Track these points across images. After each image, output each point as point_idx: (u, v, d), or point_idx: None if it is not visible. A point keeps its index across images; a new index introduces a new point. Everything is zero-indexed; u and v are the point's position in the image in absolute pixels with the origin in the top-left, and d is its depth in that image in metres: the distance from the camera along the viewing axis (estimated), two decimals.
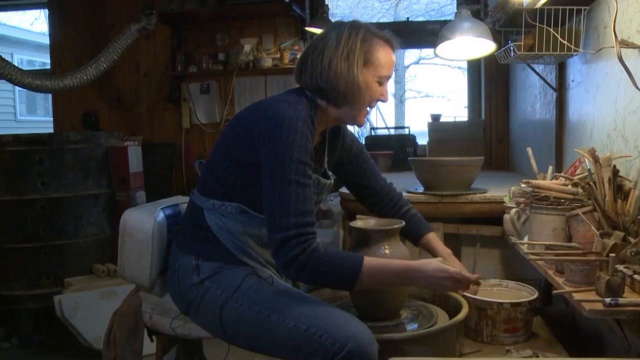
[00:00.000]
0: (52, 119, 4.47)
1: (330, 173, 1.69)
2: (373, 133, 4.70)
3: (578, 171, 1.86)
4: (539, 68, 2.74)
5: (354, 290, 1.55)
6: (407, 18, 4.53)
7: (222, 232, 1.52)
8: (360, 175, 1.81)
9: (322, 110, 1.56)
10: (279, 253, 1.36)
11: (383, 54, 1.55)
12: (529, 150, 2.02)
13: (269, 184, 1.39)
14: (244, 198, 1.50)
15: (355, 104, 1.55)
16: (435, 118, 4.05)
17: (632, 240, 1.35)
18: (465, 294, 1.68)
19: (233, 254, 1.51)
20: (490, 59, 2.86)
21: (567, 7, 2.04)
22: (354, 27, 1.55)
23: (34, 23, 10.90)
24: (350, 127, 1.85)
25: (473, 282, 1.45)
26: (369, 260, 1.38)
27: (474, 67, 4.21)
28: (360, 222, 1.66)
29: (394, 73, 1.64)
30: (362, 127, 1.70)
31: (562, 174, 1.89)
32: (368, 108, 1.59)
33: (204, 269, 1.52)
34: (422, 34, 3.98)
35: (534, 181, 1.77)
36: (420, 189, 2.40)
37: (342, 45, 1.52)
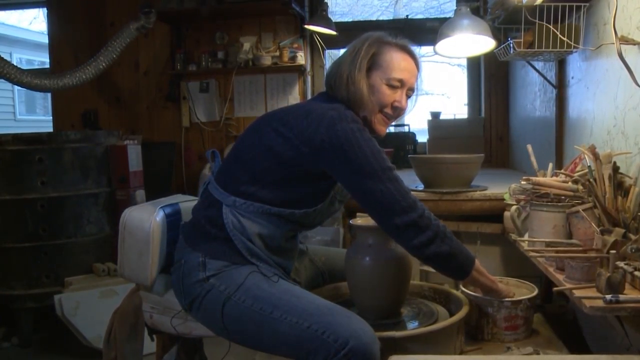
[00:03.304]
0: (51, 118, 4.46)
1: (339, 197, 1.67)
2: None
3: (578, 168, 1.85)
4: (539, 65, 2.73)
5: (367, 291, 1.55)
6: (407, 16, 4.51)
7: (236, 231, 1.51)
8: None
9: None
10: (421, 227, 1.43)
11: (392, 57, 1.57)
12: (529, 148, 2.01)
13: (376, 186, 1.43)
14: (276, 197, 1.50)
15: (364, 106, 1.56)
16: (435, 115, 4.05)
17: (633, 237, 1.35)
18: (465, 290, 1.69)
19: (242, 254, 1.51)
20: (489, 56, 2.86)
21: (567, 4, 2.04)
22: (368, 35, 1.61)
23: (33, 22, 10.87)
24: None
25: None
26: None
27: (474, 65, 4.21)
28: (361, 220, 1.66)
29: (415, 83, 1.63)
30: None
31: (562, 171, 1.88)
32: (385, 116, 1.59)
33: (210, 266, 1.51)
34: (421, 31, 3.97)
35: (534, 178, 1.77)
36: (421, 187, 2.39)
37: (351, 50, 1.59)
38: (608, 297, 1.16)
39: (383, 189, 1.42)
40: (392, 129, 4.22)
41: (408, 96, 1.62)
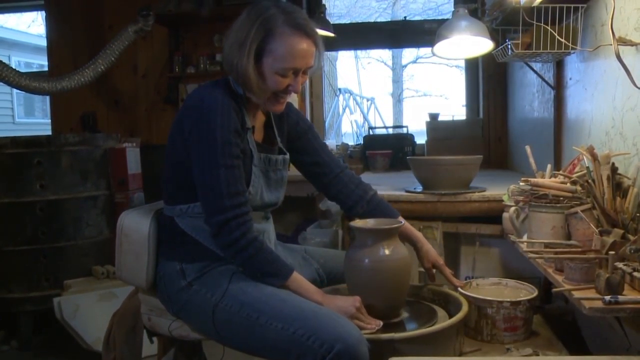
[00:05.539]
0: (50, 121, 4.46)
1: (284, 149, 1.71)
2: (371, 132, 4.70)
3: (577, 169, 1.85)
4: (537, 66, 2.73)
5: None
6: (405, 17, 4.52)
7: (198, 232, 1.54)
8: (310, 152, 1.78)
9: None
10: (220, 235, 1.43)
11: (285, 44, 1.46)
12: (528, 149, 2.01)
13: (198, 172, 1.45)
14: None
15: (254, 92, 1.53)
16: (434, 117, 4.05)
17: (632, 237, 1.35)
18: (463, 291, 1.69)
19: (214, 251, 1.53)
20: (488, 58, 2.86)
21: (565, 5, 2.04)
22: (257, 11, 1.49)
23: (31, 25, 10.90)
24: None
25: (370, 325, 1.45)
26: (296, 275, 1.48)
27: (472, 66, 4.21)
28: (360, 222, 1.66)
29: (322, 65, 1.57)
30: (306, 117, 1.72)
31: (560, 172, 1.88)
32: (277, 97, 1.54)
33: (189, 271, 1.53)
34: (419, 33, 3.97)
35: (532, 179, 1.77)
36: (419, 188, 2.39)
37: (239, 30, 1.50)
38: (607, 298, 1.16)
39: (203, 179, 1.45)
40: (390, 131, 4.22)
41: (305, 73, 1.54)
